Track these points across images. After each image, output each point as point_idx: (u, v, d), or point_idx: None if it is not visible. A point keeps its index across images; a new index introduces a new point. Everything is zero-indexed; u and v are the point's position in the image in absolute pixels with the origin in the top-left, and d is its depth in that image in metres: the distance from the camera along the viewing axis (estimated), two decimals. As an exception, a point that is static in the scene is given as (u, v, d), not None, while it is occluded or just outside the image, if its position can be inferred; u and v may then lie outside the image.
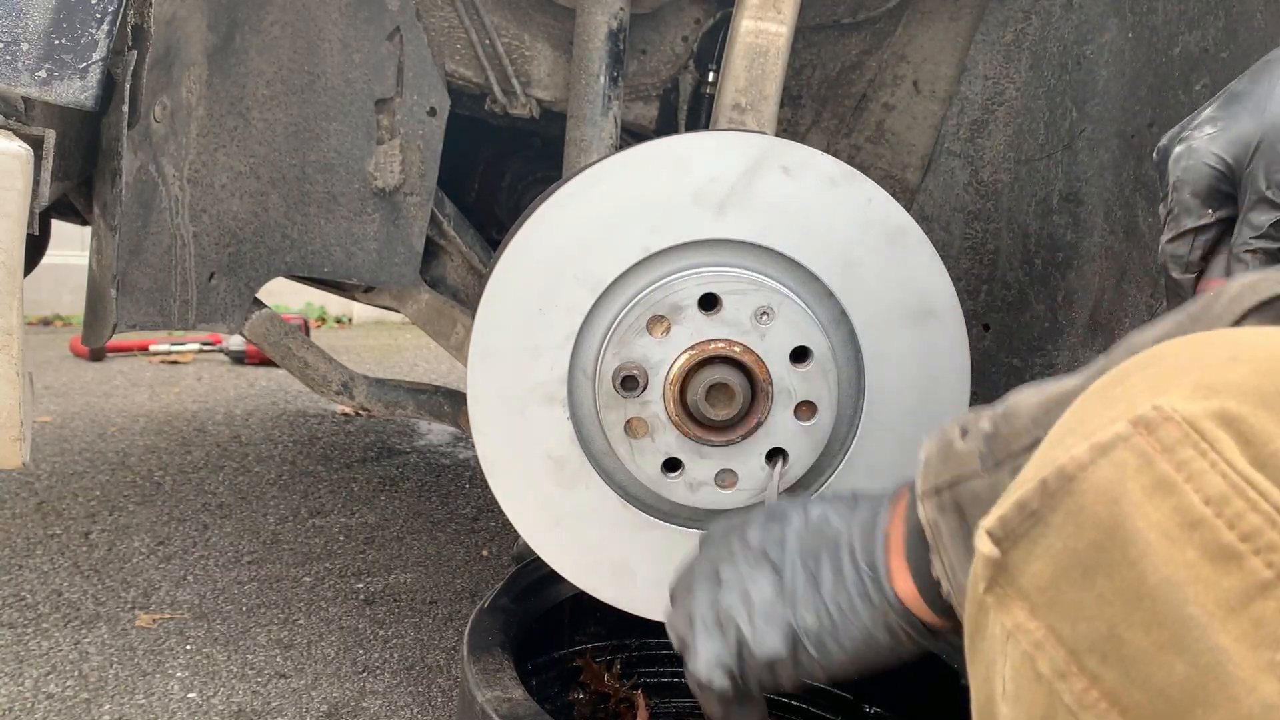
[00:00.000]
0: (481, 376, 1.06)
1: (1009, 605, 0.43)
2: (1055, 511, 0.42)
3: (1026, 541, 0.42)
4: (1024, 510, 0.43)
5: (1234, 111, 0.85)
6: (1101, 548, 0.40)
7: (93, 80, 0.91)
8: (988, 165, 1.51)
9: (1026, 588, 0.42)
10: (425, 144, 1.40)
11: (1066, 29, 1.39)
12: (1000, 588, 0.43)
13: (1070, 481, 0.41)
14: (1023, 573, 0.42)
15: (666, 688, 1.49)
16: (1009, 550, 0.43)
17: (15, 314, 0.92)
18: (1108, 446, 0.41)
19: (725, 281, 1.03)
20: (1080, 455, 0.41)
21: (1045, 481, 0.42)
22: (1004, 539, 0.43)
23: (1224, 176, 0.84)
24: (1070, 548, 0.41)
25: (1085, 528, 0.41)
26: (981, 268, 1.54)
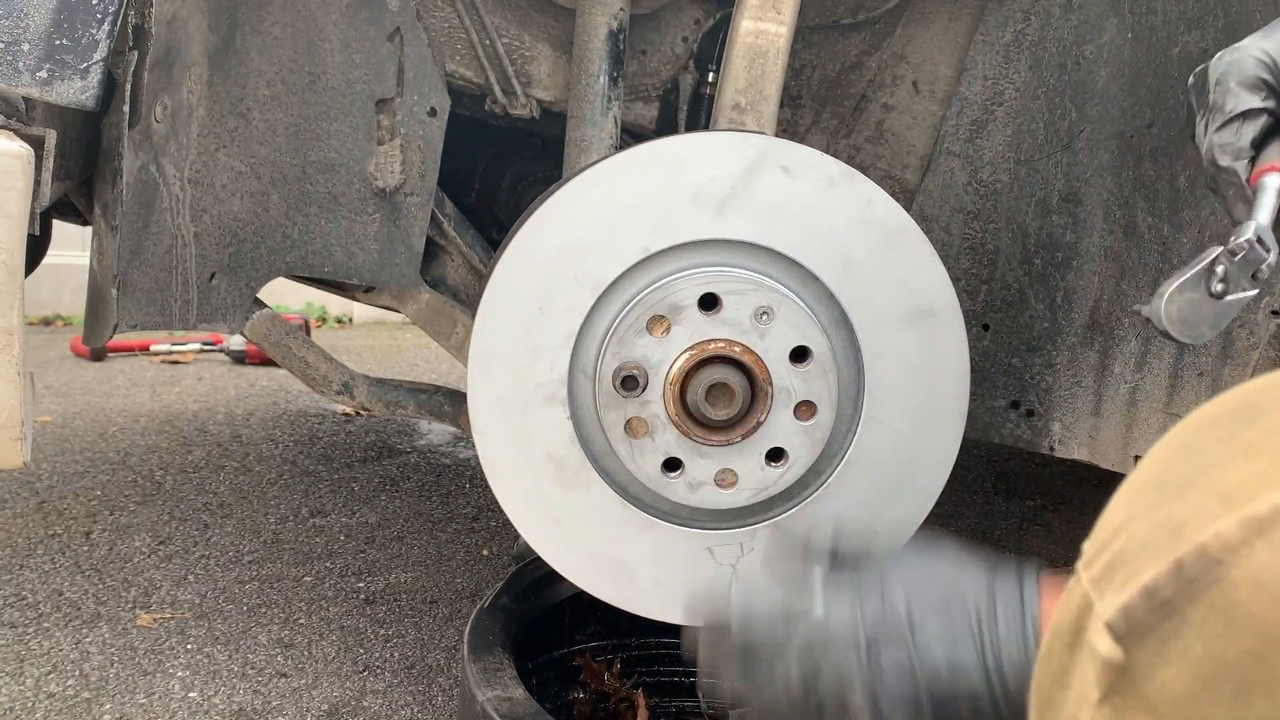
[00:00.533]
0: (482, 377, 1.06)
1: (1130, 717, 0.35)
2: (1196, 605, 0.33)
3: (1156, 640, 0.34)
4: (1154, 599, 0.34)
5: (1274, 24, 0.86)
6: (1263, 660, 0.32)
7: (93, 80, 0.91)
8: (987, 165, 1.51)
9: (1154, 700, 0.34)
10: (426, 144, 1.40)
11: (1066, 29, 1.39)
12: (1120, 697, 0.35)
13: (1216, 567, 0.33)
14: (1150, 679, 0.34)
15: (666, 687, 1.49)
16: (1132, 648, 0.35)
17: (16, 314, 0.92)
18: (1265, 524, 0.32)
19: (725, 281, 1.03)
20: (1228, 534, 0.33)
21: (1181, 565, 0.34)
22: (1127, 635, 0.35)
23: (1270, 68, 0.83)
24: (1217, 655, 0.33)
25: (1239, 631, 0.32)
26: (981, 268, 1.55)
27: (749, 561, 1.11)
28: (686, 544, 1.10)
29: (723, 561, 1.10)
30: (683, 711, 1.47)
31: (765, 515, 1.11)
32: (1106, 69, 1.34)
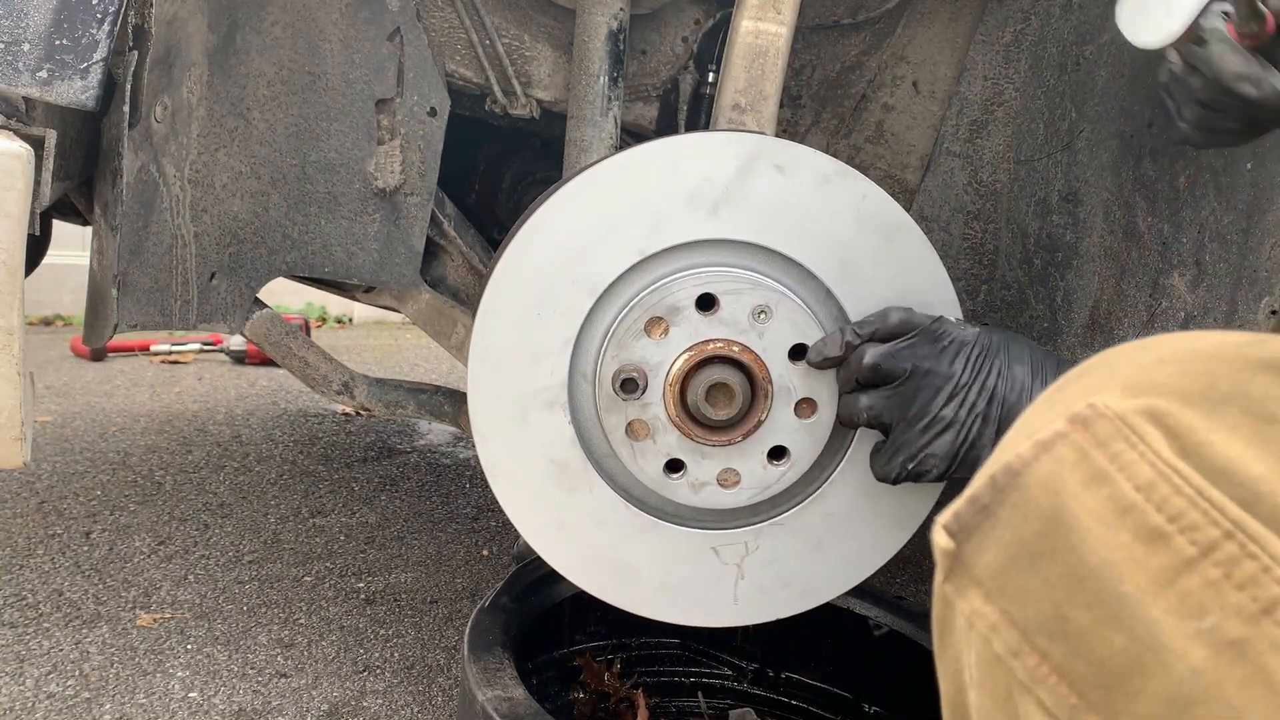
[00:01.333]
0: (482, 382, 1.06)
1: (966, 593, 0.46)
2: (1003, 505, 0.45)
3: (979, 534, 0.46)
4: (975, 504, 0.46)
5: None
6: (1045, 535, 0.43)
7: (93, 80, 0.91)
8: (987, 165, 1.51)
9: (980, 575, 0.46)
10: (426, 144, 1.40)
11: (1066, 29, 1.39)
12: (957, 577, 0.47)
13: (1016, 477, 0.45)
14: (976, 562, 0.46)
15: (666, 687, 1.49)
16: (963, 542, 0.46)
17: (16, 314, 0.92)
18: (1048, 443, 0.45)
19: (722, 281, 1.03)
20: (1024, 452, 0.45)
21: (994, 478, 0.46)
22: (958, 532, 0.47)
23: None
24: (1017, 537, 0.44)
25: (1030, 518, 0.44)
26: (981, 268, 1.55)
27: (753, 560, 1.11)
28: (690, 544, 1.10)
29: (728, 561, 1.10)
30: (683, 711, 1.47)
31: (768, 514, 1.11)
32: (1106, 69, 1.34)
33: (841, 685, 1.45)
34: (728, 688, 1.50)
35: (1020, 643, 0.44)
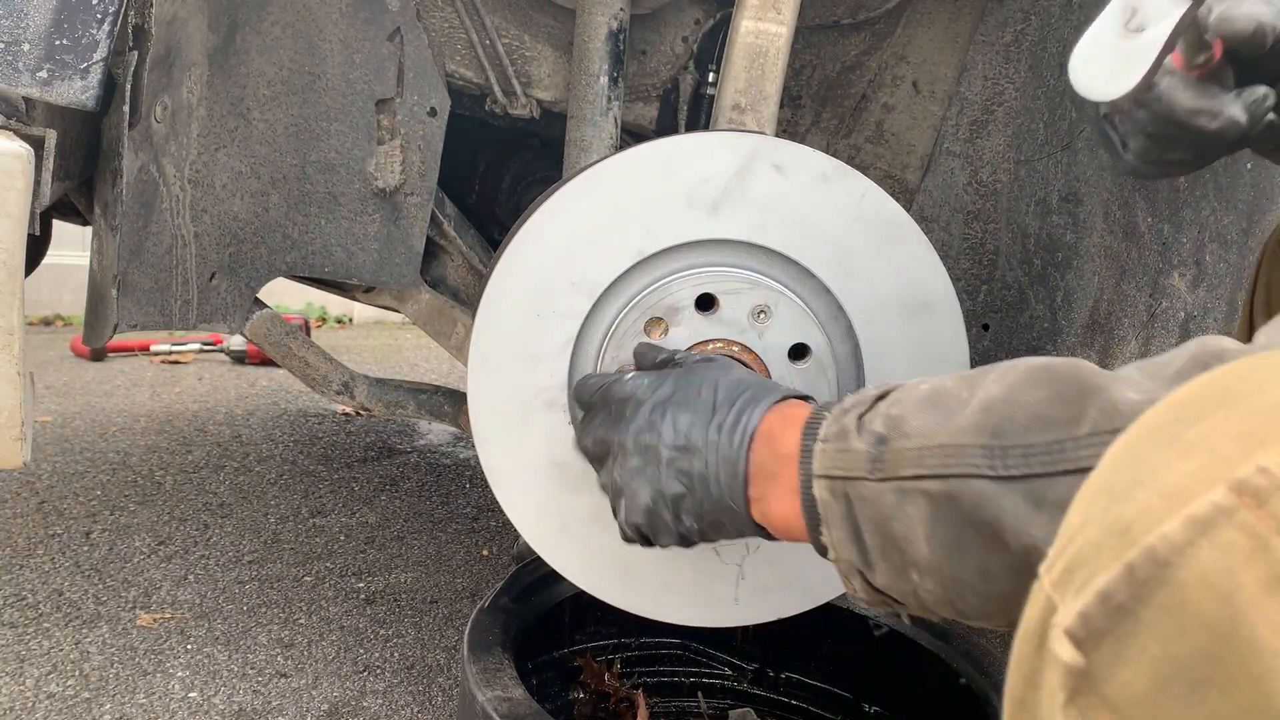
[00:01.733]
0: (482, 385, 1.06)
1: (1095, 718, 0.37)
2: (1148, 606, 0.35)
3: (1114, 642, 0.36)
4: (1109, 604, 0.36)
5: None
6: (1214, 659, 0.33)
7: (94, 80, 0.91)
8: (987, 165, 1.51)
9: (1115, 700, 0.36)
10: (426, 144, 1.40)
11: (1066, 29, 1.39)
12: (1084, 697, 0.37)
13: (1164, 568, 0.35)
14: (1110, 680, 0.36)
15: (666, 687, 1.49)
16: (1092, 652, 0.37)
17: (16, 314, 0.92)
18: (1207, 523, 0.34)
19: (721, 281, 1.03)
20: (1173, 535, 0.35)
21: (1132, 568, 0.36)
22: (1086, 640, 0.37)
23: None
24: (1172, 655, 0.34)
25: (1190, 631, 0.34)
26: (981, 268, 1.55)
27: (754, 560, 1.11)
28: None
29: (728, 561, 1.10)
30: (683, 712, 1.47)
31: (766, 515, 1.11)
32: (1106, 69, 1.34)
33: (841, 685, 1.45)
34: (728, 688, 1.50)
35: None
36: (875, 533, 0.69)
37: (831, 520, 0.72)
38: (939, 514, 0.64)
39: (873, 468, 0.69)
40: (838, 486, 0.71)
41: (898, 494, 0.67)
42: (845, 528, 0.71)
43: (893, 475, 0.67)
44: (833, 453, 0.72)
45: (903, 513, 0.66)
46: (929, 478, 0.65)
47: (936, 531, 0.64)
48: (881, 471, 0.68)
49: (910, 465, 0.66)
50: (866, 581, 0.73)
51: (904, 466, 0.67)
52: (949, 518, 0.64)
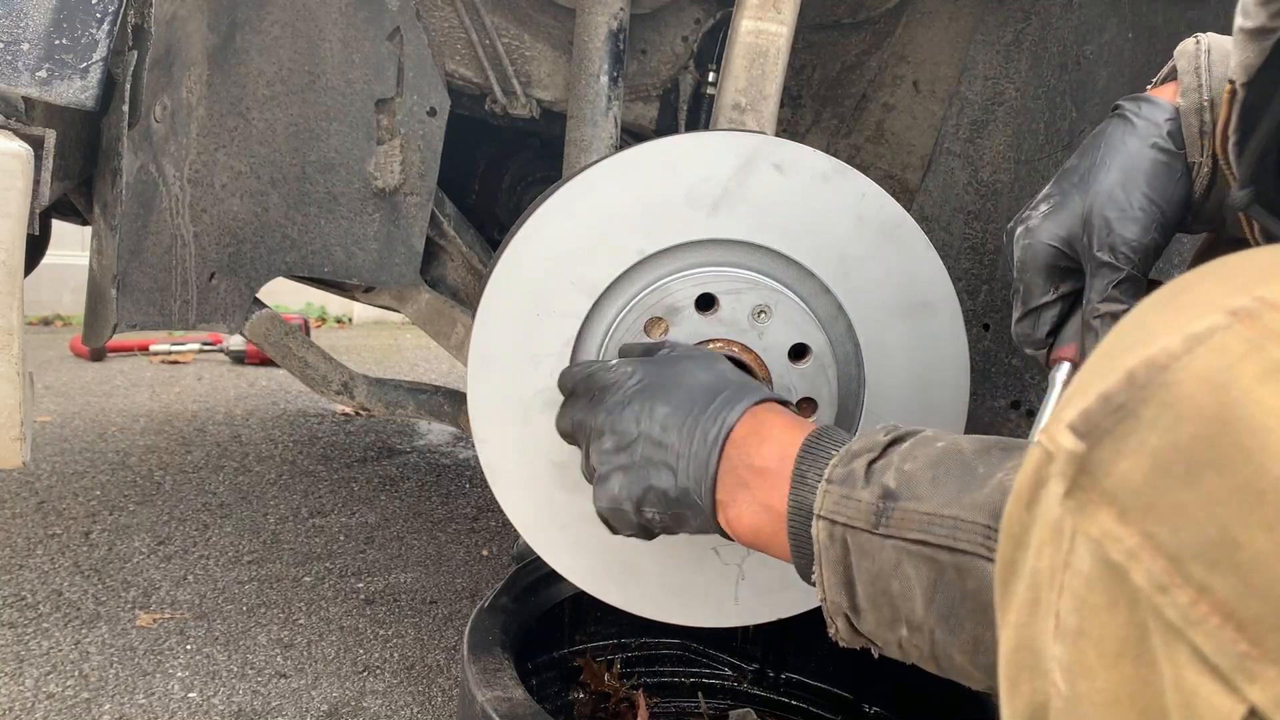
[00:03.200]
0: (482, 385, 1.06)
1: (1093, 512, 0.38)
2: (1148, 404, 0.37)
3: (1113, 440, 0.37)
4: (1110, 404, 0.38)
5: (1064, 188, 0.91)
6: (1209, 441, 0.35)
7: (93, 80, 0.91)
8: (988, 165, 1.51)
9: (1114, 490, 0.37)
10: (425, 144, 1.40)
11: (1066, 29, 1.39)
12: (1083, 492, 0.38)
13: (1164, 371, 0.37)
14: (1109, 473, 0.37)
15: (667, 687, 1.49)
16: (1092, 448, 0.38)
17: (15, 314, 0.92)
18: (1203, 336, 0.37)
19: (721, 281, 1.03)
20: (1172, 345, 0.37)
21: (1133, 374, 0.37)
22: (1086, 435, 0.38)
23: (1062, 254, 0.90)
24: (1170, 442, 0.36)
25: (1187, 419, 0.36)
26: (981, 268, 1.54)
27: (754, 560, 1.11)
28: (691, 545, 1.10)
29: (728, 561, 1.10)
30: (683, 712, 1.47)
31: (765, 515, 1.11)
32: (1107, 69, 1.34)
33: (841, 685, 1.45)
34: (728, 688, 1.50)
35: (1169, 574, 0.35)
36: (870, 585, 0.70)
37: (826, 562, 0.73)
38: (943, 581, 0.65)
39: (877, 522, 0.69)
40: (838, 531, 0.72)
41: (899, 553, 0.67)
42: (838, 572, 0.72)
43: (897, 535, 0.68)
44: (837, 496, 0.73)
45: (903, 572, 0.67)
46: (937, 546, 0.65)
47: (936, 598, 0.65)
48: (886, 528, 0.68)
49: (917, 529, 0.67)
50: (851, 624, 0.74)
51: (910, 529, 0.67)
52: (953, 587, 0.64)
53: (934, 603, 0.66)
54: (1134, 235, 0.86)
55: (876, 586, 0.69)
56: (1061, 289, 0.92)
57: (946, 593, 0.65)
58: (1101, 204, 0.87)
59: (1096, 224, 0.87)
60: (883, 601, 0.69)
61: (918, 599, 0.66)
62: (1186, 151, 0.88)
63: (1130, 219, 0.86)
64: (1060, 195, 0.91)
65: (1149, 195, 0.87)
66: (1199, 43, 0.91)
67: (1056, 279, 0.92)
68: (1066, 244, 0.90)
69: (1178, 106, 0.89)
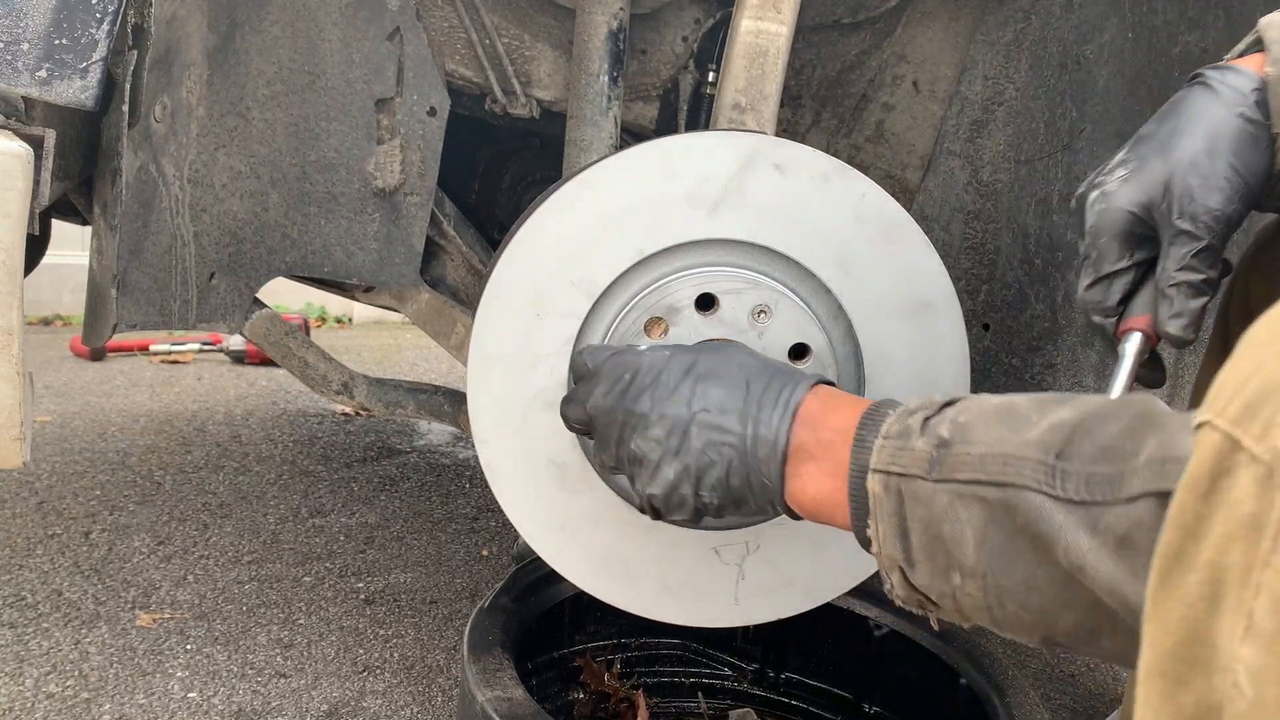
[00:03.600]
0: (481, 384, 1.06)
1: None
2: None
3: None
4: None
5: (1142, 153, 0.89)
6: None
7: (93, 80, 0.91)
8: (988, 165, 1.51)
9: None
10: (425, 144, 1.40)
11: (1066, 29, 1.39)
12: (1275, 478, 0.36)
13: None
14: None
15: (666, 687, 1.49)
16: None
17: (15, 314, 0.92)
18: None
19: (721, 281, 1.03)
20: None
21: None
22: None
23: (1139, 220, 0.88)
24: None
25: None
26: (981, 267, 1.54)
27: (754, 561, 1.11)
28: (691, 545, 1.10)
29: (728, 561, 1.10)
30: (683, 712, 1.47)
31: (768, 514, 1.11)
32: (1107, 69, 1.34)
33: (841, 685, 1.45)
34: (728, 688, 1.50)
35: None
36: (924, 532, 0.70)
37: (880, 515, 0.73)
38: (994, 520, 0.65)
39: (930, 469, 0.70)
40: (892, 482, 0.72)
41: (952, 496, 0.68)
42: (893, 524, 0.72)
43: (950, 478, 0.68)
44: (893, 449, 0.73)
45: (955, 515, 0.67)
46: (988, 484, 0.66)
47: (988, 537, 0.65)
48: (939, 473, 0.69)
49: (970, 470, 0.67)
50: (905, 578, 0.73)
51: (963, 470, 0.68)
52: (1003, 525, 0.64)
53: (985, 543, 0.66)
54: (1217, 204, 0.84)
55: (929, 533, 0.70)
56: (1135, 256, 0.89)
57: (997, 531, 0.65)
58: (1184, 170, 0.85)
59: (1178, 191, 0.84)
60: (936, 549, 0.70)
61: (969, 541, 0.67)
62: (1272, 123, 0.86)
63: (1214, 187, 0.84)
64: (1138, 160, 0.88)
65: (1233, 164, 0.84)
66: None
67: (1131, 246, 0.89)
68: (1145, 210, 0.87)
69: (1264, 77, 0.86)
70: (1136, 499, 0.56)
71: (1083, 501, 0.60)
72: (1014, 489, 0.64)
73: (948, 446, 0.69)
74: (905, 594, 0.75)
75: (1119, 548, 0.57)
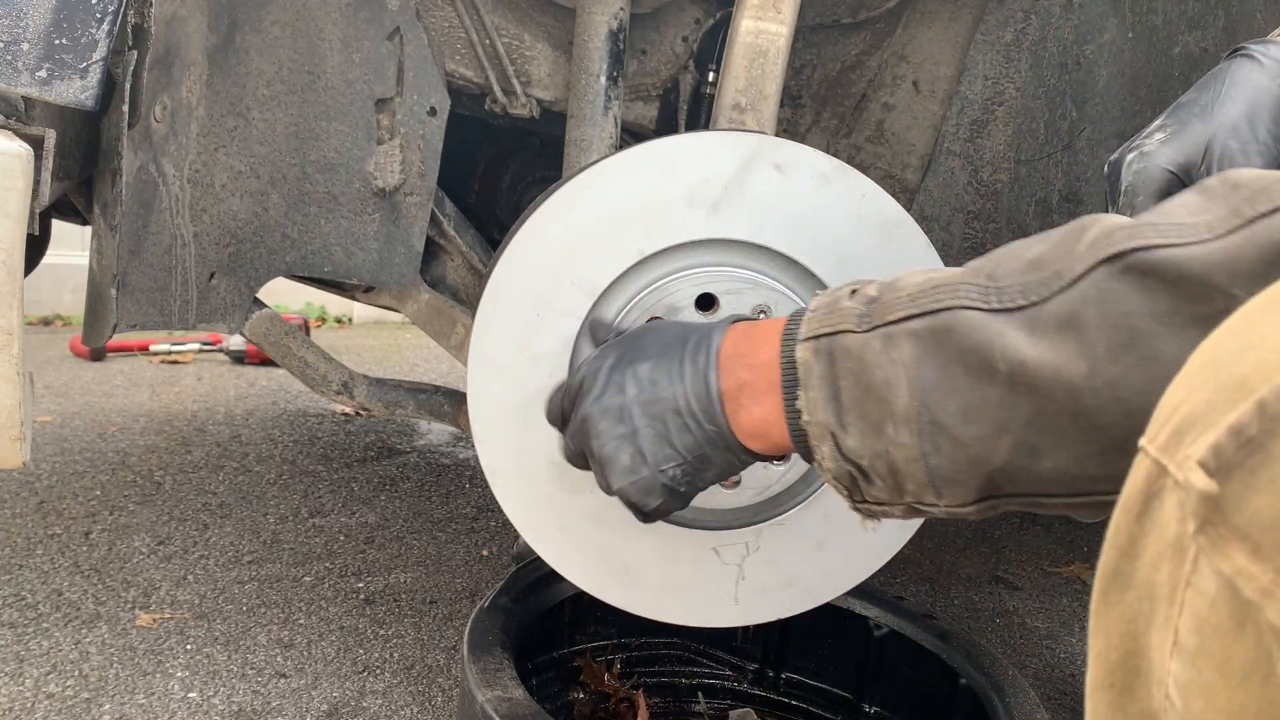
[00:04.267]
0: (481, 385, 1.06)
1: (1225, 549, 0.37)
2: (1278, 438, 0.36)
3: (1244, 474, 0.37)
4: (1240, 437, 0.37)
5: (1182, 118, 0.88)
6: None
7: (93, 80, 0.91)
8: (988, 165, 1.51)
9: (1246, 527, 0.37)
10: (425, 144, 1.40)
11: (1066, 29, 1.39)
12: (1214, 527, 0.38)
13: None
14: (1241, 509, 0.37)
15: (666, 687, 1.49)
16: (1223, 483, 0.38)
17: (15, 314, 0.92)
18: None
19: (722, 281, 1.03)
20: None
21: (1263, 404, 0.37)
22: (1217, 471, 0.38)
23: (1178, 180, 0.87)
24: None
25: None
26: (981, 267, 1.54)
27: (754, 561, 1.11)
28: (691, 545, 1.10)
29: (728, 561, 1.10)
30: (683, 712, 1.47)
31: (769, 514, 1.11)
32: (1107, 69, 1.34)
33: (841, 685, 1.45)
34: (728, 688, 1.50)
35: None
36: (855, 385, 0.69)
37: (809, 382, 0.72)
38: (926, 351, 0.65)
39: (860, 322, 0.69)
40: (822, 345, 0.72)
41: (884, 340, 0.67)
42: (823, 388, 0.71)
43: (881, 322, 0.68)
44: (820, 316, 0.73)
45: (887, 359, 0.67)
46: (919, 316, 0.66)
47: (922, 373, 0.65)
48: (870, 321, 0.69)
49: (899, 309, 0.67)
50: (837, 445, 0.71)
51: (893, 311, 0.68)
52: (936, 354, 0.64)
53: (919, 376, 0.65)
54: (1258, 167, 0.83)
55: (860, 385, 0.68)
56: None
57: (931, 362, 0.64)
58: (1225, 134, 0.85)
59: (1217, 153, 0.84)
60: (868, 402, 0.68)
61: (902, 382, 0.66)
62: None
63: (1255, 151, 0.84)
64: (1178, 124, 0.88)
65: (1275, 132, 0.85)
66: None
67: None
68: (1184, 170, 0.86)
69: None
70: (1080, 278, 0.57)
71: (1020, 307, 0.60)
72: (946, 312, 0.64)
73: (876, 300, 0.70)
74: (835, 465, 0.72)
75: (1061, 331, 0.57)
